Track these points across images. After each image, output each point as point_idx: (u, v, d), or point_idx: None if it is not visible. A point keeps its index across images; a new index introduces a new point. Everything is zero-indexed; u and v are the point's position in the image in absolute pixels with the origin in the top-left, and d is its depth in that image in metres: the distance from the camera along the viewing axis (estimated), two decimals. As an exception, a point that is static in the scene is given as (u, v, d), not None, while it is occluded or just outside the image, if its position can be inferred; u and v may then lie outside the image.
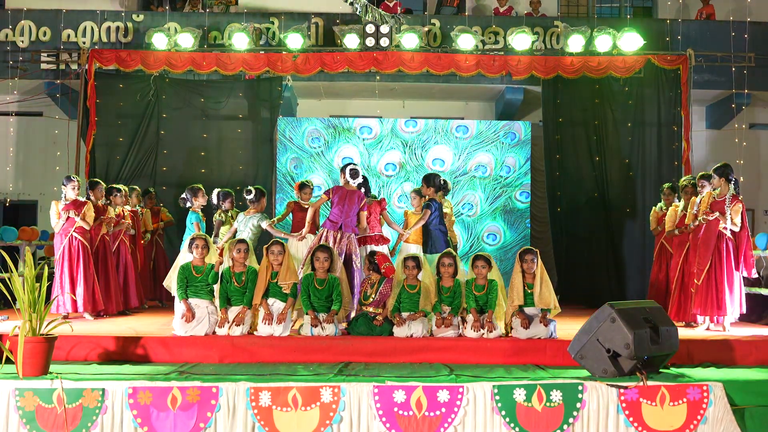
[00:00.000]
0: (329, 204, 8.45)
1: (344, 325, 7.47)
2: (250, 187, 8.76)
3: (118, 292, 9.33)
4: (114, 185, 9.74)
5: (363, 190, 8.53)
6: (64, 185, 8.88)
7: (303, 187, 9.37)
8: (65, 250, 8.75)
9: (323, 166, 13.21)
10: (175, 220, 11.27)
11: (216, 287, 7.49)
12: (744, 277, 8.30)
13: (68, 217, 8.74)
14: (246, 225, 8.54)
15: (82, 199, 8.96)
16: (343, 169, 8.50)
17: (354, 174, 8.39)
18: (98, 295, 8.84)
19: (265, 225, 8.46)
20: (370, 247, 8.49)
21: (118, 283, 9.41)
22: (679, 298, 8.77)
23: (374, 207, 8.71)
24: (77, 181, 8.90)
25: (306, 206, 9.03)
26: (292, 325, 7.53)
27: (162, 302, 10.73)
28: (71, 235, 8.77)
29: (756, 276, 8.50)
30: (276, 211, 12.43)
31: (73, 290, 8.67)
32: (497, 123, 13.90)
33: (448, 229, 9.22)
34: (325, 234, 8.23)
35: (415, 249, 8.76)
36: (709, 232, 8.14)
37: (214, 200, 9.39)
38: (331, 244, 7.99)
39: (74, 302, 8.66)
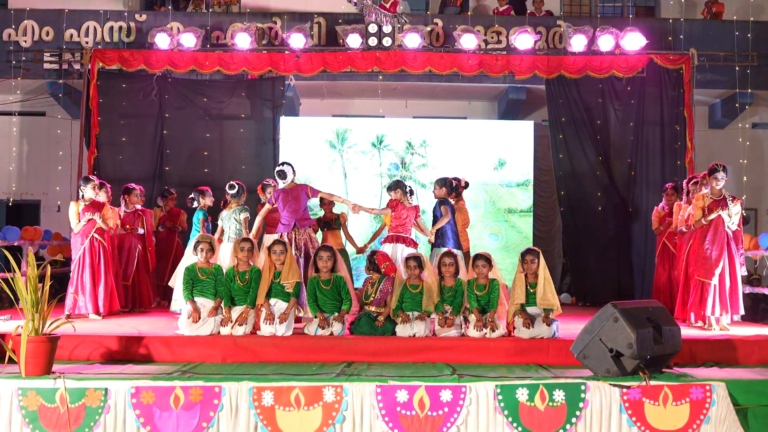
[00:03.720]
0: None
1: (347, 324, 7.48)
2: (233, 182, 9.05)
3: (116, 292, 9.34)
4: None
5: (408, 191, 8.81)
6: (83, 186, 8.94)
7: (265, 187, 9.42)
8: (86, 251, 8.79)
9: (326, 166, 13.20)
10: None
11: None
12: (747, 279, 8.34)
13: (90, 218, 8.79)
14: (230, 219, 8.84)
15: (101, 200, 9.02)
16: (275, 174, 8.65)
17: (281, 175, 8.46)
18: (115, 294, 8.96)
19: (242, 217, 8.77)
20: (401, 246, 8.60)
21: (118, 283, 9.42)
22: (683, 297, 8.76)
23: (411, 210, 8.79)
24: (94, 180, 8.98)
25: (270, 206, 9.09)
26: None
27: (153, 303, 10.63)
28: (92, 236, 8.80)
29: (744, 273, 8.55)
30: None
31: (93, 292, 8.73)
32: (500, 122, 13.89)
33: (461, 232, 9.30)
34: (280, 236, 8.32)
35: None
36: (717, 232, 8.12)
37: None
38: (289, 246, 8.06)
39: (95, 304, 8.72)
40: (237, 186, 8.99)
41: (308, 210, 8.58)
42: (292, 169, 8.58)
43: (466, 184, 9.98)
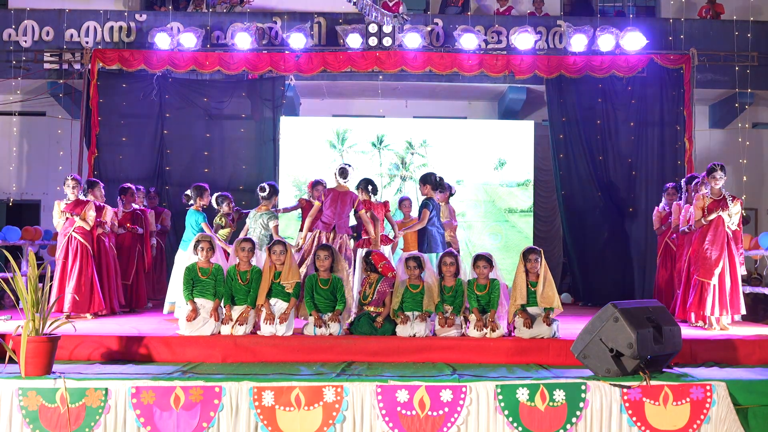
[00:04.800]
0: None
1: (347, 324, 7.47)
2: (264, 184, 8.88)
3: (114, 292, 9.30)
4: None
5: (370, 187, 8.62)
6: (64, 185, 8.95)
7: (316, 184, 9.37)
8: (64, 249, 8.78)
9: (326, 166, 13.19)
10: (173, 222, 11.24)
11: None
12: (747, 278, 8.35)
13: (67, 217, 8.77)
14: (256, 221, 8.68)
15: (84, 198, 8.99)
16: (336, 171, 8.62)
17: (343, 173, 8.55)
18: (97, 295, 8.84)
19: (272, 225, 8.52)
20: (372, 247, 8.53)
21: (116, 283, 9.38)
22: (684, 297, 8.76)
23: (379, 208, 8.74)
24: (70, 179, 8.93)
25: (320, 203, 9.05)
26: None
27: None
28: (70, 235, 8.79)
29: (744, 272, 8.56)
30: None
31: (60, 290, 8.65)
32: (500, 122, 13.90)
33: (450, 233, 9.28)
34: (317, 235, 8.31)
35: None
36: (717, 232, 8.12)
37: (214, 204, 9.39)
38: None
39: (73, 302, 8.65)
40: (268, 188, 8.76)
41: (349, 218, 8.59)
42: (353, 173, 8.63)
43: (454, 192, 9.90)
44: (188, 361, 6.72)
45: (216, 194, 9.42)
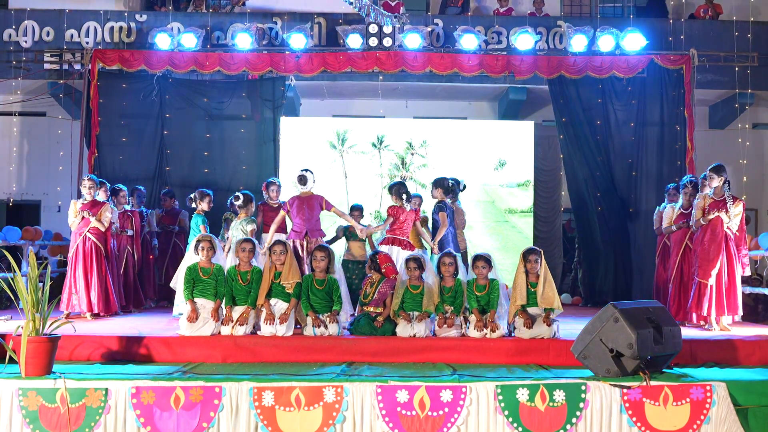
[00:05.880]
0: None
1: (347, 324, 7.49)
2: (238, 194, 9.05)
3: (117, 293, 9.32)
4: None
5: (405, 196, 8.66)
6: (80, 185, 9.03)
7: (269, 185, 9.40)
8: (78, 249, 8.85)
9: (326, 167, 13.19)
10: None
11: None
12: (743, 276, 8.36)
13: (83, 217, 8.81)
14: (237, 229, 8.80)
15: (101, 199, 9.03)
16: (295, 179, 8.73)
17: (301, 180, 8.63)
18: (112, 296, 8.93)
19: (249, 228, 8.65)
20: (396, 249, 8.54)
21: (117, 284, 9.39)
22: (679, 297, 8.76)
23: (410, 214, 8.76)
24: (87, 179, 8.99)
25: (275, 205, 9.15)
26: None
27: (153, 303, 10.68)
28: (85, 235, 8.83)
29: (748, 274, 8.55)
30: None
31: (86, 290, 8.75)
32: (500, 123, 13.89)
33: (458, 233, 9.32)
34: (292, 245, 8.30)
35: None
36: (715, 233, 8.12)
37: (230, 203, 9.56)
38: (300, 253, 8.27)
39: (88, 302, 8.73)
40: (242, 197, 8.93)
41: (320, 221, 8.63)
42: (313, 177, 8.68)
43: (464, 187, 9.98)
44: (188, 361, 6.72)
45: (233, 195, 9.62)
